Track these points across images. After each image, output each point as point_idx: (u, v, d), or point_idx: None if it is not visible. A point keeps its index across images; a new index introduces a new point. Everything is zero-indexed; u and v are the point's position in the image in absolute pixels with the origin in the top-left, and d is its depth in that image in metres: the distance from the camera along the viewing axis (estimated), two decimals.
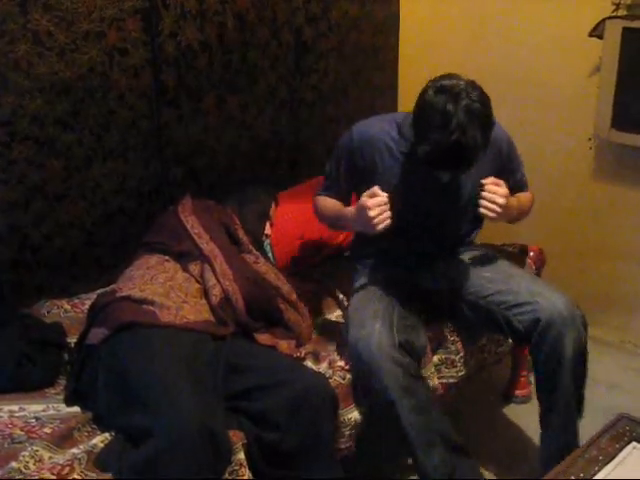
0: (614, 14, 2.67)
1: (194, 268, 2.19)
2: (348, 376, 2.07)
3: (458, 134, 1.84)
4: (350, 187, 2.30)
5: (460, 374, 2.31)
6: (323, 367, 2.10)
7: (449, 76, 1.95)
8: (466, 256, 2.35)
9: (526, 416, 2.64)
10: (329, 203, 2.32)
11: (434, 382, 2.21)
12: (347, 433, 2.02)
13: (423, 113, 1.95)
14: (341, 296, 2.53)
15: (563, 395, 2.10)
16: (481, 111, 1.89)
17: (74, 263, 2.50)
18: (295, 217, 2.75)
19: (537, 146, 3.16)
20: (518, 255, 2.66)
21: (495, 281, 2.22)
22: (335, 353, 2.17)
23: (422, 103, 1.95)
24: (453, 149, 1.87)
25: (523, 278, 2.24)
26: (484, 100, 1.93)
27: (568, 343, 2.06)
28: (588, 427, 2.26)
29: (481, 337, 2.40)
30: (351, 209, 2.17)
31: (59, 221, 2.42)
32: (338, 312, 2.47)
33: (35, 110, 2.26)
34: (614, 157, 2.93)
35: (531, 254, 2.67)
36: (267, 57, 2.86)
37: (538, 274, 2.67)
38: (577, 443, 2.10)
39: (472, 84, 1.94)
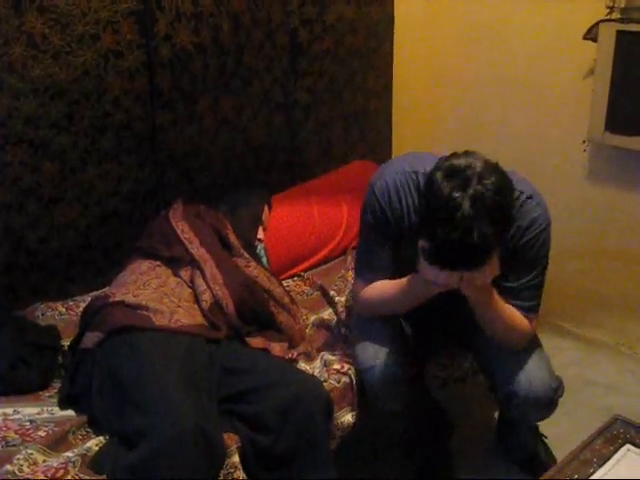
0: (608, 17, 2.67)
1: (185, 273, 2.19)
2: (343, 379, 2.07)
3: (462, 230, 1.55)
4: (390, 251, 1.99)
5: (455, 376, 2.31)
6: (316, 367, 2.11)
7: (465, 155, 1.67)
8: None
9: None
10: (384, 287, 1.99)
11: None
12: (339, 435, 2.02)
13: (428, 198, 1.66)
14: (332, 292, 2.54)
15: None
16: (494, 202, 1.58)
17: (69, 265, 2.50)
18: (290, 220, 2.75)
19: (531, 148, 3.17)
20: None
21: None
22: (328, 354, 2.18)
23: (429, 186, 1.65)
24: (457, 247, 1.58)
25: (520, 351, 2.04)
26: (501, 187, 1.61)
27: (534, 418, 2.15)
28: (582, 429, 2.25)
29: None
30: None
31: (54, 224, 2.42)
32: (330, 310, 2.48)
33: (30, 112, 2.26)
34: (608, 159, 2.93)
35: None
36: (262, 59, 2.86)
37: None
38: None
39: (490, 166, 1.65)
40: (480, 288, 1.78)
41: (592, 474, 1.58)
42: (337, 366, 2.10)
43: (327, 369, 2.10)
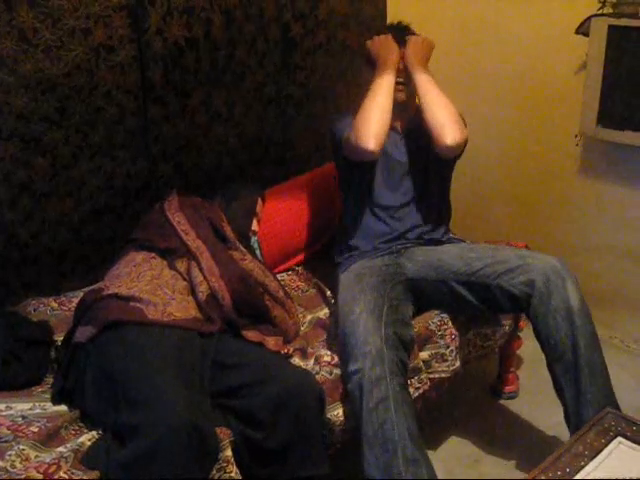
0: (600, 12, 2.68)
1: (181, 265, 2.19)
2: (335, 371, 2.07)
3: None
4: None
5: (452, 368, 2.31)
6: (310, 363, 2.11)
7: None
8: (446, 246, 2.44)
9: (515, 412, 2.66)
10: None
11: (424, 376, 2.23)
12: (335, 429, 2.02)
13: None
14: (329, 293, 2.54)
15: (586, 346, 2.07)
16: None
17: (61, 261, 2.50)
18: (283, 214, 2.75)
19: (524, 143, 3.18)
20: None
21: (482, 257, 2.26)
22: (323, 349, 2.18)
23: None
24: None
25: (509, 249, 2.33)
26: None
27: (572, 291, 2.09)
28: None
29: (469, 330, 2.41)
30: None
31: (46, 219, 2.42)
32: (326, 310, 2.48)
33: (21, 107, 2.25)
34: (600, 154, 2.94)
35: None
36: (254, 54, 2.85)
37: None
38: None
39: None
40: (418, 51, 2.39)
41: (584, 467, 1.58)
42: (328, 358, 2.11)
43: (319, 362, 2.10)
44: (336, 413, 2.03)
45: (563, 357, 2.08)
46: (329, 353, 2.14)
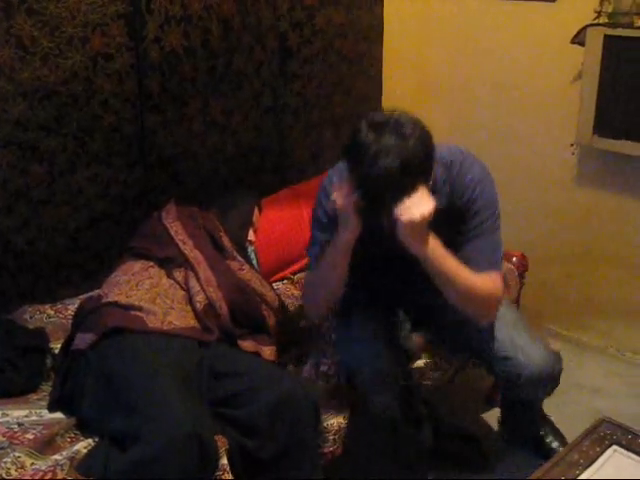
0: (596, 21, 2.69)
1: (178, 274, 2.19)
2: (332, 380, 2.07)
3: (368, 162, 1.68)
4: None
5: (445, 376, 2.31)
6: (306, 371, 2.11)
7: (385, 112, 1.81)
8: None
9: None
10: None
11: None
12: (331, 438, 2.02)
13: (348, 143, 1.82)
14: None
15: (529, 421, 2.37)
16: (401, 137, 1.69)
17: (58, 268, 2.50)
18: (279, 223, 2.75)
19: (520, 152, 3.18)
20: None
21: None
22: (318, 359, 2.18)
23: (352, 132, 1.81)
24: (366, 180, 1.70)
25: (507, 325, 2.07)
26: (413, 132, 1.73)
27: (542, 393, 2.15)
28: (570, 431, 2.28)
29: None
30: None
31: (42, 226, 2.42)
32: None
33: (18, 115, 2.25)
34: (596, 163, 2.95)
35: (514, 259, 2.68)
36: (252, 63, 2.86)
37: (521, 279, 2.68)
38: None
39: (407, 117, 1.76)
40: (415, 232, 1.75)
41: (579, 475, 1.59)
42: (325, 367, 2.10)
43: (315, 370, 2.10)
44: (332, 422, 2.03)
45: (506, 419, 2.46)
46: (326, 362, 2.14)
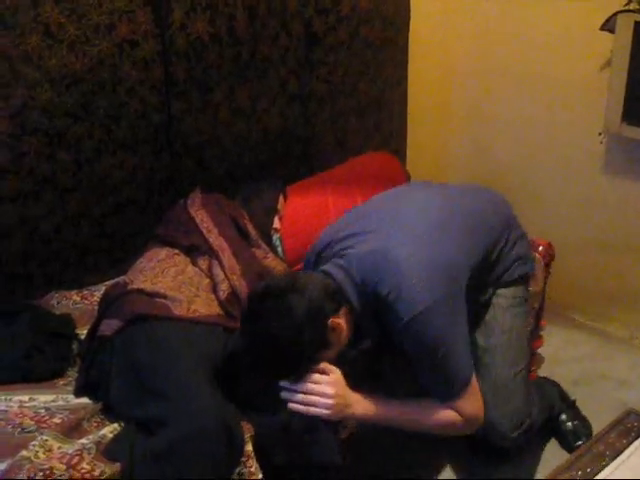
0: (626, 8, 2.65)
1: (203, 262, 2.19)
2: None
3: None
4: None
5: None
6: None
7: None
8: None
9: None
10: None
11: None
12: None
13: None
14: None
15: None
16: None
17: (84, 255, 2.52)
18: (305, 210, 2.75)
19: (547, 141, 3.15)
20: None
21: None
22: None
23: None
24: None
25: (496, 367, 1.95)
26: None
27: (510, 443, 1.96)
28: (596, 422, 2.27)
29: None
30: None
31: (69, 213, 2.43)
32: None
33: (45, 102, 2.27)
34: (625, 152, 2.91)
35: (540, 248, 2.65)
36: (277, 49, 2.85)
37: (547, 268, 2.65)
38: None
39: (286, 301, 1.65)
40: (337, 405, 1.69)
41: (605, 467, 1.57)
42: None
43: None
44: None
45: None
46: None
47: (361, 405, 1.72)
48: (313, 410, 1.67)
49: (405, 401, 1.75)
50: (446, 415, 1.73)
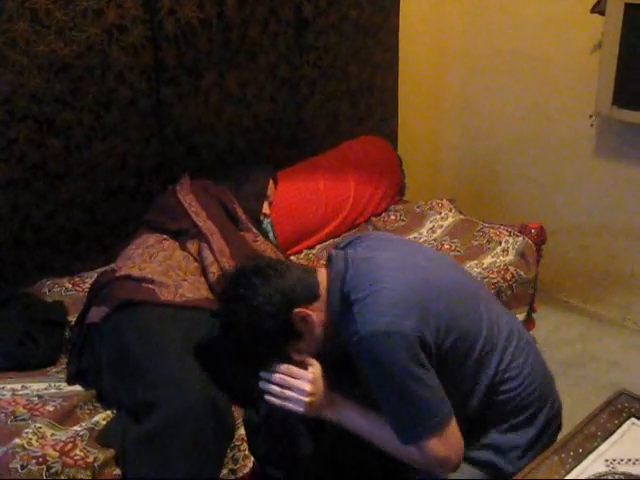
0: None
1: (192, 246, 2.20)
2: None
3: None
4: None
5: None
6: None
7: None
8: None
9: None
10: None
11: None
12: None
13: None
14: None
15: None
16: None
17: (75, 241, 2.51)
18: (296, 195, 2.75)
19: (538, 123, 3.16)
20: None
21: None
22: None
23: None
24: None
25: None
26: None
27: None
28: (587, 403, 2.28)
29: None
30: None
31: (60, 200, 2.43)
32: None
33: (34, 88, 2.25)
34: (615, 134, 2.92)
35: (532, 231, 2.67)
36: (267, 34, 2.84)
37: (539, 251, 2.66)
38: None
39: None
40: (312, 403, 1.62)
41: (596, 447, 1.58)
42: None
43: None
44: None
45: None
46: None
47: (336, 409, 1.64)
48: (287, 405, 1.64)
49: (381, 419, 1.59)
50: (407, 452, 1.58)
